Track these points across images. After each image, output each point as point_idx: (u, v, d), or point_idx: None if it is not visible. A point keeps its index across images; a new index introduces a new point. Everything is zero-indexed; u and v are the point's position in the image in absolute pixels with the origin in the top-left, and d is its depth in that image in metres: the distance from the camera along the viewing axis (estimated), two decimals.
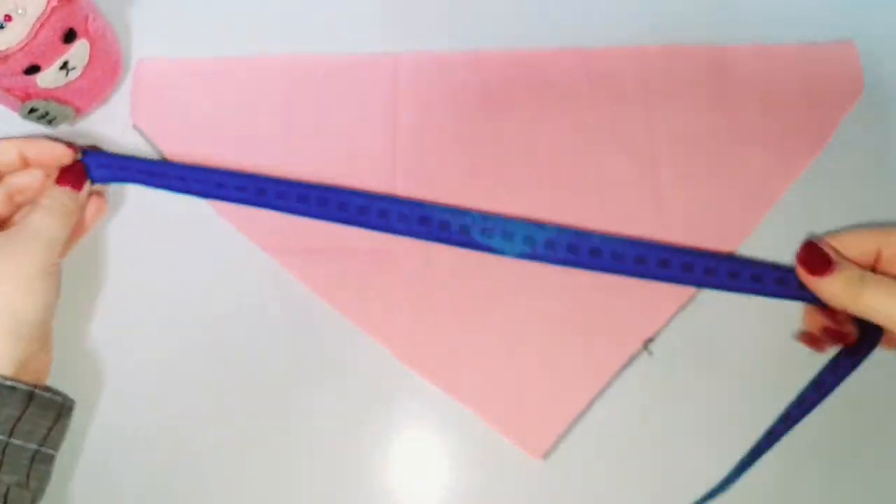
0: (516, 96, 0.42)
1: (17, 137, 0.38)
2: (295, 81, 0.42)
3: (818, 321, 0.36)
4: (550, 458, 0.37)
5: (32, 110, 0.38)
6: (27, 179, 0.38)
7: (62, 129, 0.41)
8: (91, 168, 0.39)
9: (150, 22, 0.43)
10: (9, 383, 0.32)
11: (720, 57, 0.42)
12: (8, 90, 0.37)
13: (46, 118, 0.39)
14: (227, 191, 0.39)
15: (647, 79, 0.42)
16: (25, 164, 0.38)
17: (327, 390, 0.38)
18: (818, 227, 0.39)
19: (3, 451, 0.32)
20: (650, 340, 0.38)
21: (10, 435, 0.32)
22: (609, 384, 0.38)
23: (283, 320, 0.39)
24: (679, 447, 0.37)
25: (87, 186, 0.38)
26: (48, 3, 0.34)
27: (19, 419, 0.32)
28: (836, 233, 0.36)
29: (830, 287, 0.34)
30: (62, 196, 0.37)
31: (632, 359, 0.38)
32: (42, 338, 0.35)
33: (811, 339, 0.36)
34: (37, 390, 0.33)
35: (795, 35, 0.42)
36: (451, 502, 0.37)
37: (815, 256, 0.34)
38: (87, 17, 0.37)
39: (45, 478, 0.34)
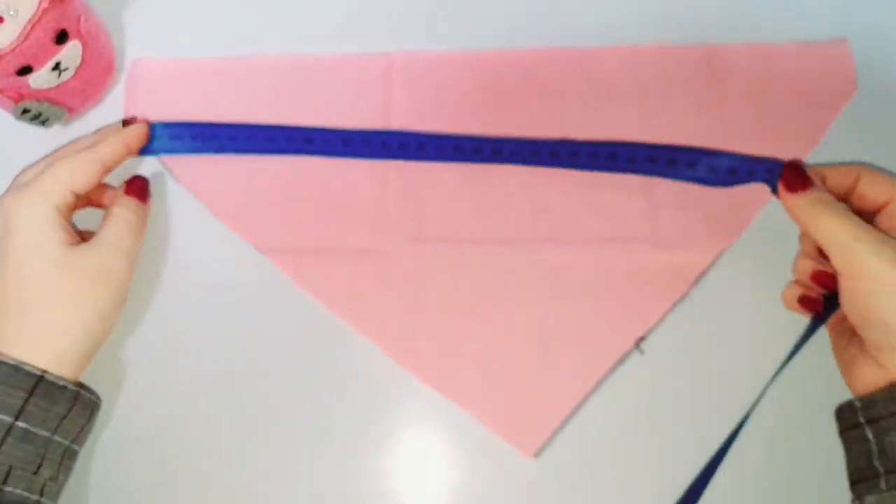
0: (511, 96, 0.42)
1: (112, 129, 0.40)
2: (289, 81, 0.42)
3: (805, 266, 0.37)
4: (542, 456, 0.37)
5: (25, 111, 0.38)
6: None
7: (55, 130, 0.41)
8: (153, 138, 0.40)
9: (143, 22, 0.43)
10: (62, 383, 0.33)
11: (714, 56, 0.42)
12: (0, 91, 0.37)
13: (39, 119, 0.39)
14: (278, 143, 0.40)
15: (642, 78, 0.42)
16: (131, 152, 0.39)
17: (323, 390, 0.38)
18: None
19: (47, 448, 0.33)
20: (642, 339, 0.38)
21: (55, 432, 0.33)
22: (601, 383, 0.38)
23: (280, 322, 0.39)
24: (670, 445, 0.37)
25: (151, 201, 0.39)
26: (40, 4, 0.34)
27: (65, 417, 0.34)
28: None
29: (799, 202, 0.35)
30: (131, 205, 0.38)
31: (624, 357, 0.38)
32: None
33: (792, 300, 0.37)
34: (81, 390, 0.34)
35: (789, 34, 0.42)
36: (444, 499, 0.37)
37: (797, 175, 0.36)
38: (79, 18, 0.37)
39: (69, 473, 0.35)
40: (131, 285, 0.37)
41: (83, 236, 0.37)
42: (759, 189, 0.40)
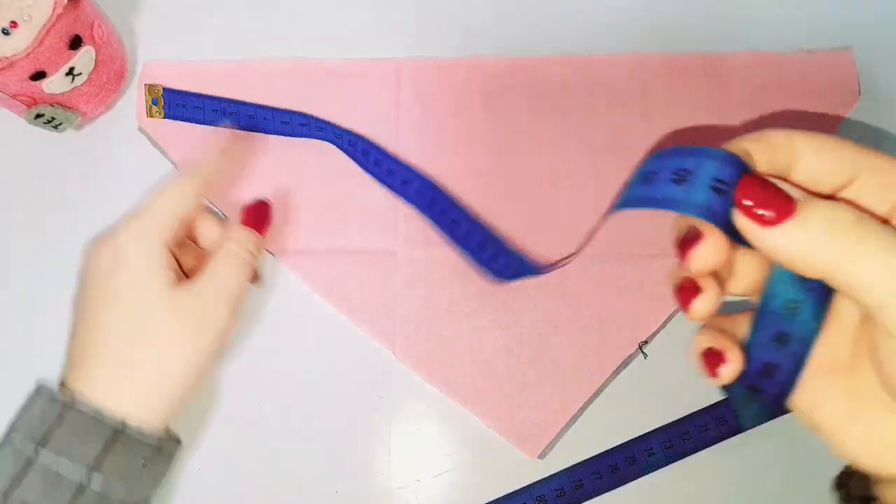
0: (516, 100, 0.42)
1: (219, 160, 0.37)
2: (299, 85, 0.43)
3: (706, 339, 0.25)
4: (547, 458, 0.38)
5: (39, 115, 0.38)
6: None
7: (67, 134, 0.41)
8: (169, 105, 0.42)
9: (155, 28, 0.44)
10: (141, 437, 0.31)
11: (718, 64, 0.42)
12: (14, 96, 0.37)
13: (52, 123, 0.39)
14: (293, 127, 0.42)
15: (646, 85, 0.42)
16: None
17: (329, 389, 0.39)
18: None
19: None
20: (645, 343, 0.39)
21: (133, 483, 0.31)
22: (605, 385, 0.38)
23: (285, 320, 0.40)
24: None
25: (268, 232, 0.37)
26: (54, 10, 0.35)
27: (144, 466, 0.32)
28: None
29: (796, 238, 0.19)
30: (246, 240, 0.35)
31: (627, 360, 0.38)
32: None
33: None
34: (163, 441, 0.32)
35: (792, 42, 0.42)
36: (449, 500, 0.38)
37: (770, 197, 0.20)
38: (92, 24, 0.38)
39: None
40: (234, 331, 0.34)
41: (189, 272, 0.35)
42: None
